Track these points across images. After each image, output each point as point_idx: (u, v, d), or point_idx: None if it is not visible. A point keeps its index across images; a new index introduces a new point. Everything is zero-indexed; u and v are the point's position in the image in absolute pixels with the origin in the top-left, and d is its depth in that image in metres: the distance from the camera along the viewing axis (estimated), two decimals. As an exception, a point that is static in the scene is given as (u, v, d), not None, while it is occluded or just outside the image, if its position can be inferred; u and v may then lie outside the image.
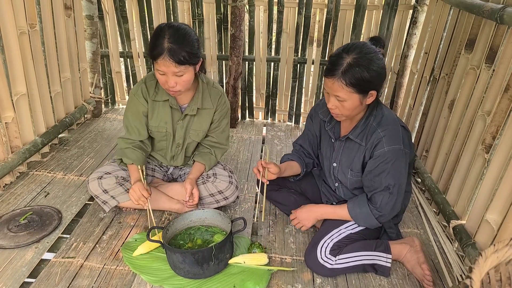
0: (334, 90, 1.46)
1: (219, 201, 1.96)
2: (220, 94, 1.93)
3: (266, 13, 2.91)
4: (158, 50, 1.58)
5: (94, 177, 1.89)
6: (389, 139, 1.54)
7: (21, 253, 1.71)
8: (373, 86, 1.46)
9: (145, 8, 3.01)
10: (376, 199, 1.60)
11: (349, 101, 1.47)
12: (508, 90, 1.54)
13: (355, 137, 1.61)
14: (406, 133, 1.61)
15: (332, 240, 1.64)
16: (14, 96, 2.15)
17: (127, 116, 1.91)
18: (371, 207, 1.62)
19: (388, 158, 1.54)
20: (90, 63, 2.99)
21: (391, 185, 1.57)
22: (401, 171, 1.57)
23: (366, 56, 1.42)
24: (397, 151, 1.54)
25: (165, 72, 1.62)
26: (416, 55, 2.69)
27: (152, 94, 1.85)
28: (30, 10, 2.19)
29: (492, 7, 1.61)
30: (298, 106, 3.24)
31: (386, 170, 1.55)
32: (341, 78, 1.42)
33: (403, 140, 1.56)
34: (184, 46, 1.59)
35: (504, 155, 1.54)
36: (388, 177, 1.56)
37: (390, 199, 1.59)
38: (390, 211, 1.61)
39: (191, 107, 1.87)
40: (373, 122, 1.58)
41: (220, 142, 2.01)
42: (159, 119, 1.89)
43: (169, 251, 1.57)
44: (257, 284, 1.56)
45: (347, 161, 1.68)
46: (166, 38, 1.58)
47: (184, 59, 1.60)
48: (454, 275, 1.69)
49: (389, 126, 1.56)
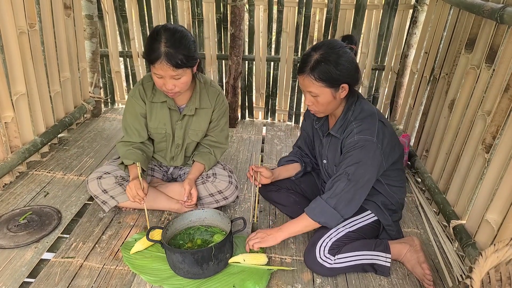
0: (306, 86, 1.54)
1: (218, 201, 1.96)
2: (218, 93, 1.92)
3: (266, 12, 2.91)
4: (155, 54, 1.57)
5: (94, 177, 1.89)
6: (360, 130, 1.55)
7: (21, 253, 1.70)
8: (343, 79, 1.51)
9: (145, 8, 3.01)
10: (332, 185, 1.56)
11: (322, 96, 1.53)
12: (508, 89, 1.54)
13: (335, 132, 1.64)
14: (384, 128, 1.59)
15: (331, 239, 1.64)
16: (14, 95, 2.15)
17: (126, 118, 1.90)
18: (325, 197, 1.56)
19: (355, 146, 1.54)
20: (89, 63, 2.99)
21: (351, 172, 1.53)
22: (366, 162, 1.53)
23: (332, 51, 1.49)
24: (367, 141, 1.53)
25: (163, 75, 1.62)
26: (416, 54, 2.69)
27: (150, 95, 1.84)
28: (29, 9, 2.19)
29: (492, 7, 1.61)
30: (298, 106, 3.24)
31: (349, 157, 1.55)
32: (309, 74, 1.50)
33: (378, 133, 1.55)
34: (181, 49, 1.58)
35: (504, 155, 1.54)
36: (351, 165, 1.53)
37: (348, 186, 1.53)
38: (348, 201, 1.55)
39: (189, 107, 1.86)
40: (351, 117, 1.60)
41: (220, 142, 2.01)
42: (157, 121, 1.88)
43: (168, 251, 1.57)
44: (257, 284, 1.56)
45: (332, 157, 1.70)
46: (162, 41, 1.57)
47: (182, 63, 1.59)
48: (454, 275, 1.69)
49: (365, 119, 1.57)
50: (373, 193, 1.70)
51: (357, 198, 1.56)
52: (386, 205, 1.74)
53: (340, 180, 1.55)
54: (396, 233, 1.77)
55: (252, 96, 3.24)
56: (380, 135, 1.56)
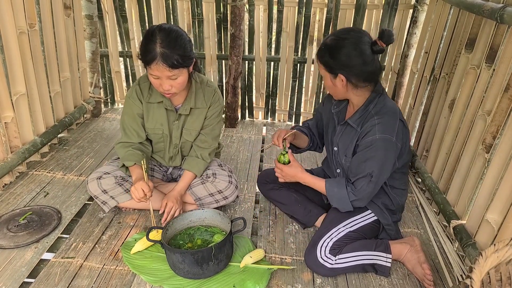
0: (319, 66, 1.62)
1: (218, 201, 1.96)
2: (214, 92, 1.90)
3: (266, 12, 2.91)
4: (151, 55, 1.56)
5: (93, 177, 1.89)
6: (382, 128, 1.54)
7: (21, 253, 1.70)
8: (338, 70, 1.53)
9: (145, 8, 3.01)
10: (358, 184, 1.60)
11: (324, 78, 1.61)
12: (509, 89, 1.54)
13: (352, 122, 1.63)
14: (403, 128, 1.60)
15: (331, 239, 1.64)
16: (14, 96, 2.15)
17: (123, 119, 1.90)
18: (348, 190, 1.61)
19: (377, 146, 1.54)
20: (89, 63, 2.99)
21: (375, 173, 1.56)
22: (386, 162, 1.56)
23: (338, 39, 1.53)
24: (388, 141, 1.53)
25: (159, 76, 1.61)
26: (416, 54, 2.69)
27: (146, 96, 1.84)
28: (29, 9, 2.19)
29: (492, 7, 1.61)
30: (298, 106, 3.23)
31: (372, 158, 1.55)
32: (317, 54, 1.59)
33: (397, 133, 1.55)
34: (176, 49, 1.57)
35: (505, 155, 1.54)
36: (373, 164, 1.55)
37: (370, 186, 1.58)
38: (367, 198, 1.62)
39: (184, 107, 1.86)
40: (372, 110, 1.59)
41: (208, 142, 1.95)
42: (154, 121, 1.88)
43: (168, 251, 1.57)
44: (257, 284, 1.56)
45: (343, 146, 1.69)
46: (158, 42, 1.56)
47: (178, 63, 1.58)
48: (455, 275, 1.69)
49: (386, 116, 1.56)
50: (376, 196, 1.71)
51: (372, 196, 1.64)
52: (386, 206, 1.74)
53: (365, 180, 1.58)
54: (395, 233, 1.77)
55: (252, 96, 3.24)
56: (399, 135, 1.56)
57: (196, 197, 1.93)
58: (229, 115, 3.08)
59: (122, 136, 1.92)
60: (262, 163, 2.61)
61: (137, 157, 1.84)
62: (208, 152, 1.97)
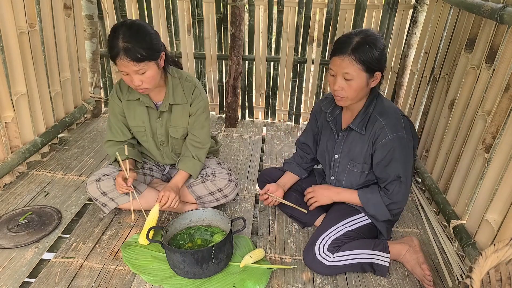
0: (343, 68, 1.49)
1: (219, 199, 1.96)
2: (194, 87, 1.86)
3: (266, 12, 2.91)
4: (115, 51, 1.55)
5: (92, 179, 1.89)
6: (391, 127, 1.56)
7: (21, 253, 1.70)
8: (379, 66, 1.52)
9: (145, 8, 3.01)
10: (389, 188, 1.63)
11: (357, 80, 1.50)
12: (508, 89, 1.54)
13: (355, 126, 1.64)
14: (408, 122, 1.64)
15: (330, 237, 1.65)
16: (14, 96, 2.15)
17: (109, 118, 1.92)
18: (382, 194, 1.64)
19: (394, 147, 1.57)
20: (89, 63, 2.99)
21: (401, 173, 1.60)
22: (408, 159, 1.61)
23: (372, 36, 1.51)
24: (402, 138, 1.57)
25: (127, 71, 1.60)
26: (416, 54, 2.69)
27: (126, 93, 1.84)
28: (29, 10, 2.19)
29: (492, 7, 1.61)
30: (298, 106, 3.23)
31: (394, 159, 1.58)
32: (351, 54, 1.47)
33: (405, 128, 1.59)
34: (138, 42, 1.55)
35: (504, 155, 1.54)
36: (398, 166, 1.59)
37: (402, 187, 1.62)
38: (401, 199, 1.65)
39: (163, 104, 1.84)
40: (374, 112, 1.61)
41: (202, 142, 1.93)
42: (136, 119, 1.88)
43: (168, 251, 1.57)
44: (257, 283, 1.56)
45: (349, 152, 1.70)
46: (120, 37, 1.55)
47: (142, 56, 1.56)
48: (454, 275, 1.69)
49: (390, 115, 1.59)
50: None
51: (408, 192, 1.67)
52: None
53: (395, 184, 1.62)
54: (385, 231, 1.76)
55: (252, 96, 3.24)
56: (408, 129, 1.60)
57: (196, 196, 1.93)
58: (229, 115, 3.08)
59: (108, 134, 1.94)
60: (262, 163, 2.61)
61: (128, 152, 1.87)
62: (204, 152, 1.95)
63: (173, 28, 3.04)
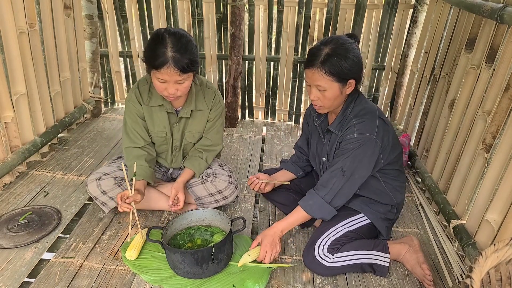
0: (314, 80, 1.52)
1: (218, 201, 1.96)
2: (214, 94, 1.91)
3: (266, 12, 2.91)
4: (161, 59, 1.55)
5: (93, 178, 1.89)
6: (361, 127, 1.56)
7: (21, 253, 1.70)
8: (351, 75, 1.51)
9: (145, 8, 3.01)
10: (329, 182, 1.58)
11: (330, 91, 1.53)
12: (509, 89, 1.54)
13: (333, 128, 1.65)
14: (384, 126, 1.60)
15: (329, 238, 1.64)
16: (14, 95, 2.15)
17: (126, 123, 1.88)
18: (320, 195, 1.59)
19: (354, 143, 1.55)
20: (89, 63, 2.99)
21: (347, 168, 1.55)
22: (362, 159, 1.55)
23: (342, 46, 1.50)
24: (366, 138, 1.54)
25: (167, 80, 1.61)
26: (417, 54, 2.69)
27: (146, 99, 1.83)
28: (29, 9, 2.19)
29: (492, 7, 1.61)
30: (298, 106, 3.23)
31: (347, 153, 1.56)
32: (320, 67, 1.49)
33: (378, 130, 1.56)
34: (187, 54, 1.57)
35: (505, 155, 1.54)
36: (347, 160, 1.56)
37: (342, 181, 1.57)
38: (343, 194, 1.59)
39: (185, 110, 1.86)
40: (351, 114, 1.61)
41: (214, 144, 1.98)
42: (157, 125, 1.88)
43: (168, 251, 1.57)
44: (257, 283, 1.56)
45: (330, 154, 1.70)
46: (168, 46, 1.55)
47: (188, 67, 1.58)
48: (455, 274, 1.69)
49: (365, 116, 1.58)
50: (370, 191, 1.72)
51: (350, 192, 1.62)
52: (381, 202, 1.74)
53: (336, 176, 1.57)
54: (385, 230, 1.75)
55: (252, 96, 3.23)
56: (380, 133, 1.57)
57: (196, 197, 1.93)
58: (229, 115, 3.08)
59: (126, 141, 1.88)
60: (262, 163, 2.61)
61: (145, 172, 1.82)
62: (213, 154, 2.00)
63: (173, 28, 3.03)
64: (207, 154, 1.98)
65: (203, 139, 1.98)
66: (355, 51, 1.52)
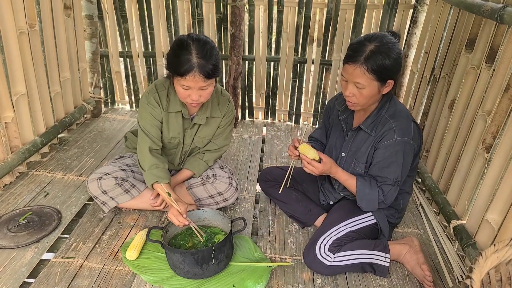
0: (354, 77, 1.48)
1: (218, 203, 1.96)
2: (228, 102, 1.92)
3: (266, 12, 2.91)
4: (187, 66, 1.54)
5: (94, 178, 1.89)
6: (399, 131, 1.55)
7: (21, 253, 1.70)
8: (392, 75, 1.50)
9: (145, 8, 3.01)
10: (385, 189, 1.62)
11: (368, 88, 1.49)
12: (509, 89, 1.54)
13: (366, 127, 1.64)
14: (417, 130, 1.63)
15: (331, 237, 1.65)
16: (14, 96, 2.15)
17: (143, 125, 1.81)
18: (379, 193, 1.63)
19: (398, 150, 1.56)
20: (89, 63, 2.99)
21: (399, 177, 1.60)
22: (406, 165, 1.60)
23: (387, 45, 1.47)
24: (407, 144, 1.56)
25: (192, 87, 1.60)
26: (417, 54, 2.69)
27: (165, 105, 1.80)
28: (29, 10, 2.19)
29: (492, 7, 1.61)
30: (298, 106, 3.23)
31: (396, 163, 1.57)
32: (363, 64, 1.45)
33: (414, 135, 1.58)
34: (212, 60, 1.57)
35: (505, 155, 1.54)
36: (397, 170, 1.59)
37: (395, 191, 1.63)
38: (391, 201, 1.65)
39: (200, 116, 1.85)
40: (386, 114, 1.60)
41: (219, 145, 1.99)
42: (172, 130, 1.86)
43: (168, 251, 1.57)
44: (257, 283, 1.56)
45: (355, 151, 1.69)
46: (193, 53, 1.54)
47: (212, 73, 1.58)
48: (455, 275, 1.69)
49: (401, 118, 1.58)
50: None
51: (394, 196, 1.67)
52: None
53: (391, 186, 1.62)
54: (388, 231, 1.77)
55: (252, 96, 3.23)
56: (415, 137, 1.59)
57: (196, 198, 1.93)
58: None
59: (144, 142, 1.81)
60: (262, 163, 2.61)
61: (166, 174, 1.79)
62: (216, 156, 2.00)
63: (173, 28, 3.03)
64: (209, 155, 1.98)
65: (210, 143, 1.98)
66: (398, 50, 1.50)
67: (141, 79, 3.29)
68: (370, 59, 1.44)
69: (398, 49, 1.50)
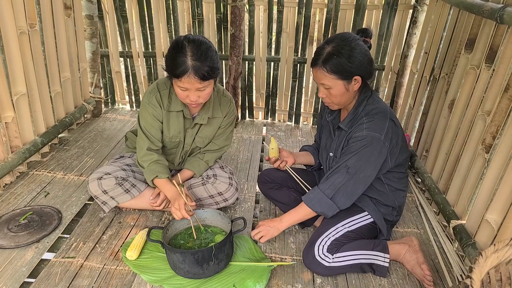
0: (319, 79, 1.56)
1: (218, 203, 1.96)
2: (230, 102, 1.92)
3: (266, 12, 2.91)
4: (182, 68, 1.54)
5: (94, 177, 1.89)
6: (370, 126, 1.55)
7: (21, 253, 1.70)
8: (356, 72, 1.51)
9: (145, 8, 3.01)
10: (331, 177, 1.58)
11: (335, 88, 1.54)
12: (508, 90, 1.54)
13: (344, 125, 1.65)
14: (393, 127, 1.59)
15: (329, 238, 1.65)
16: (14, 96, 2.15)
17: (143, 124, 1.81)
18: (322, 188, 1.59)
19: (362, 141, 1.54)
20: (90, 63, 2.99)
21: (351, 165, 1.54)
22: (369, 159, 1.54)
23: (345, 44, 1.50)
24: (375, 138, 1.53)
25: (189, 88, 1.60)
26: (416, 54, 2.69)
27: (167, 104, 1.81)
28: (30, 10, 2.19)
29: (492, 7, 1.61)
30: (298, 106, 3.24)
31: (354, 152, 1.55)
32: (322, 66, 1.52)
33: (387, 132, 1.55)
34: (207, 61, 1.56)
35: (504, 155, 1.54)
36: (353, 157, 1.55)
37: (346, 179, 1.55)
38: (345, 194, 1.57)
39: (201, 116, 1.85)
40: (362, 112, 1.61)
41: (219, 145, 1.99)
42: (173, 129, 1.87)
43: (169, 251, 1.57)
44: (257, 283, 1.56)
45: (338, 150, 1.71)
46: (188, 55, 1.54)
47: (208, 75, 1.57)
48: (454, 275, 1.69)
49: (376, 116, 1.57)
50: (372, 191, 1.71)
51: (354, 191, 1.58)
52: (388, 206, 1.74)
53: (339, 172, 1.57)
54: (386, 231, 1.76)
55: (252, 96, 3.24)
56: (389, 134, 1.56)
57: (196, 198, 1.94)
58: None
59: (142, 141, 1.82)
60: (262, 163, 2.61)
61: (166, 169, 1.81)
62: (216, 156, 2.00)
63: (173, 28, 3.04)
64: (209, 155, 1.98)
65: (211, 144, 1.98)
66: (359, 47, 1.50)
67: (141, 79, 3.29)
68: (327, 60, 1.50)
69: (360, 45, 1.51)
